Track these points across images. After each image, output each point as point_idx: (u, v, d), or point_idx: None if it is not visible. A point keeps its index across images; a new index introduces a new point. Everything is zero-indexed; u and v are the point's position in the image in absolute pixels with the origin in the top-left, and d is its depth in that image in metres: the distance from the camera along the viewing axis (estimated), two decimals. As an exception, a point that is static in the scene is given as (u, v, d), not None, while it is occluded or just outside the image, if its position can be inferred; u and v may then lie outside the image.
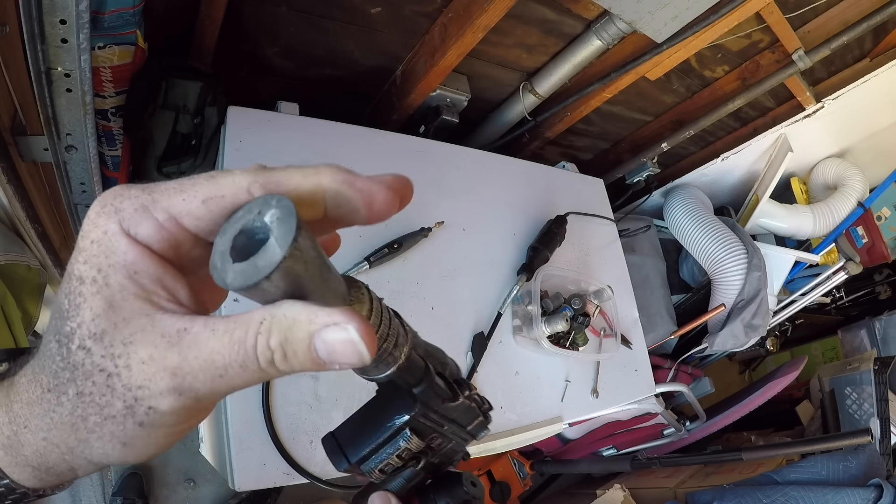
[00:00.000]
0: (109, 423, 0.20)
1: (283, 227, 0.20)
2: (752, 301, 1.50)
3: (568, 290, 1.13)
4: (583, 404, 1.11)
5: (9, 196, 0.79)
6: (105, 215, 0.21)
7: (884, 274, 2.35)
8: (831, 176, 1.82)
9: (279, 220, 0.20)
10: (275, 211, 0.20)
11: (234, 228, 0.21)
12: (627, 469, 1.72)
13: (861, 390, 1.75)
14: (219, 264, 0.20)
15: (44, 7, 0.55)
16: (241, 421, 0.78)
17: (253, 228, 0.21)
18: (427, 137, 1.19)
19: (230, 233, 0.21)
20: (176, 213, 0.21)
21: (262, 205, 0.21)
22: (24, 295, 0.96)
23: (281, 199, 0.21)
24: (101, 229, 0.20)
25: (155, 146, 1.05)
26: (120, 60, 0.86)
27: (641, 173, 1.69)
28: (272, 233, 0.20)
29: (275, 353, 0.20)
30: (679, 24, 1.08)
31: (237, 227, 0.21)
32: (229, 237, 0.21)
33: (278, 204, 0.20)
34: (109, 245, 0.20)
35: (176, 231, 0.21)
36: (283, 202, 0.20)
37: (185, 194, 0.21)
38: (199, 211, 0.21)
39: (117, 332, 0.20)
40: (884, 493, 1.14)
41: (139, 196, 0.21)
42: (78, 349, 0.20)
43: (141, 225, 0.21)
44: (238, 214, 0.21)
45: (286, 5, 1.02)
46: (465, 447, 0.35)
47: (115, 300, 0.20)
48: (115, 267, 0.20)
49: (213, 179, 0.21)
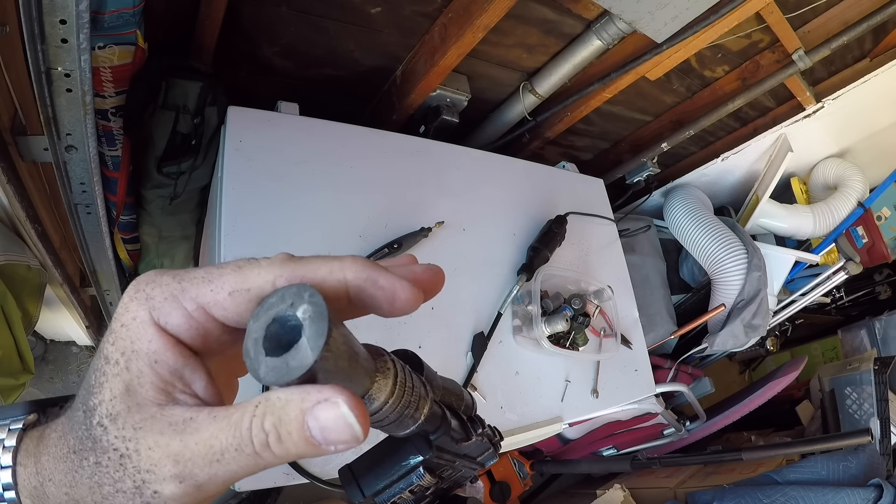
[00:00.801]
0: (121, 496, 0.21)
1: (314, 328, 0.20)
2: (752, 301, 1.50)
3: (568, 290, 1.13)
4: (583, 404, 1.11)
5: (9, 196, 0.79)
6: (137, 301, 0.22)
7: (884, 274, 2.35)
8: (831, 176, 1.82)
9: (311, 319, 0.21)
10: (307, 307, 0.21)
11: (268, 316, 0.21)
12: (627, 469, 1.72)
13: (861, 390, 1.75)
14: (252, 353, 0.21)
15: (44, 7, 0.55)
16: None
17: (286, 318, 0.21)
18: (427, 137, 1.19)
19: (263, 319, 0.21)
20: (204, 303, 0.22)
21: (294, 296, 0.21)
22: (24, 295, 0.96)
23: (313, 293, 0.21)
24: (132, 314, 0.22)
25: (155, 146, 1.05)
26: (120, 60, 0.86)
27: (641, 173, 1.69)
28: (304, 332, 0.20)
29: (269, 435, 0.20)
30: (679, 24, 1.08)
31: (270, 314, 0.21)
32: (262, 324, 0.21)
33: (310, 300, 0.21)
34: (136, 332, 0.22)
35: (204, 320, 0.22)
36: (315, 299, 0.21)
37: (213, 285, 0.22)
38: (225, 302, 0.22)
39: (130, 417, 0.21)
40: (884, 493, 1.14)
41: (169, 284, 0.22)
42: (97, 425, 0.21)
43: (171, 315, 0.22)
44: (271, 300, 0.22)
45: (286, 5, 1.02)
46: (474, 474, 0.37)
47: (132, 385, 0.21)
48: (138, 353, 0.21)
49: (241, 271, 0.22)
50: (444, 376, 0.33)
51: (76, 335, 1.50)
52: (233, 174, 0.89)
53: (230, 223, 0.86)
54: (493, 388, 1.00)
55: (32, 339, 1.45)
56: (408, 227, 0.99)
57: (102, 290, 1.29)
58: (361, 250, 0.94)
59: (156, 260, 1.37)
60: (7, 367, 0.92)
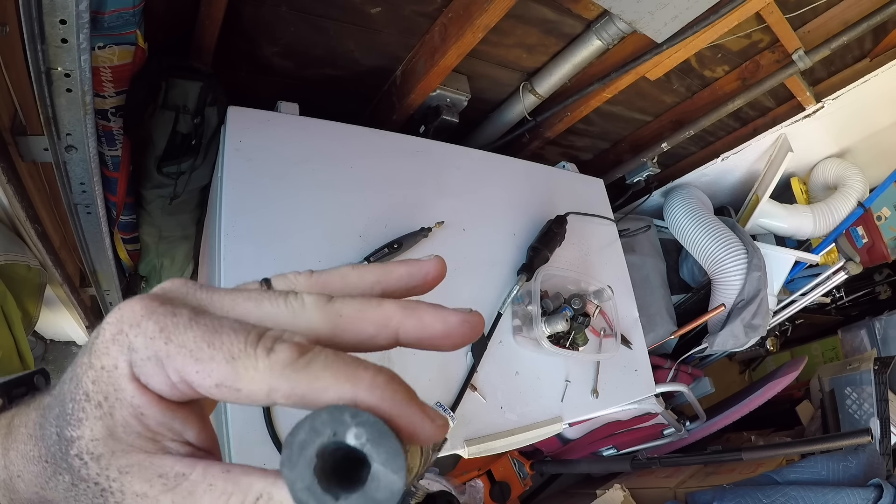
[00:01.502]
0: None
1: (384, 450, 0.18)
2: (752, 301, 1.50)
3: (568, 290, 1.13)
4: (583, 404, 1.11)
5: (9, 196, 0.79)
6: (118, 346, 0.20)
7: (884, 274, 2.35)
8: (831, 176, 1.82)
9: (373, 442, 0.18)
10: (359, 431, 0.19)
11: (307, 458, 0.19)
12: (627, 469, 1.72)
13: (861, 390, 1.75)
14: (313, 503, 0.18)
15: (44, 7, 0.55)
16: (241, 421, 0.78)
17: (335, 449, 0.19)
18: (427, 137, 1.19)
19: (303, 464, 0.19)
20: (189, 380, 0.19)
21: (332, 423, 0.19)
22: (24, 295, 0.96)
23: (356, 414, 0.19)
24: (112, 361, 0.20)
25: (155, 146, 1.05)
26: (120, 60, 0.86)
27: (641, 173, 1.69)
28: (374, 458, 0.18)
29: None
30: (679, 24, 1.08)
31: (310, 454, 0.19)
32: (306, 469, 0.19)
33: (358, 422, 0.19)
34: (118, 382, 0.20)
35: (188, 392, 0.20)
36: (362, 418, 0.19)
37: (200, 367, 0.19)
38: (212, 390, 0.19)
39: (114, 460, 0.19)
40: (884, 493, 1.14)
41: (155, 340, 0.19)
42: (75, 456, 0.20)
43: (152, 377, 0.19)
44: (301, 438, 0.19)
45: (286, 5, 1.02)
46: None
47: (116, 432, 0.20)
48: (121, 402, 0.20)
49: (234, 364, 0.19)
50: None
51: (76, 335, 1.50)
52: (233, 174, 0.89)
53: (230, 223, 0.86)
54: (493, 388, 1.00)
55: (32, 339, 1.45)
56: (408, 227, 0.99)
57: (102, 290, 1.29)
58: (361, 250, 0.94)
59: (156, 260, 1.37)
60: (7, 367, 0.92)
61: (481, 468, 1.88)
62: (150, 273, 1.43)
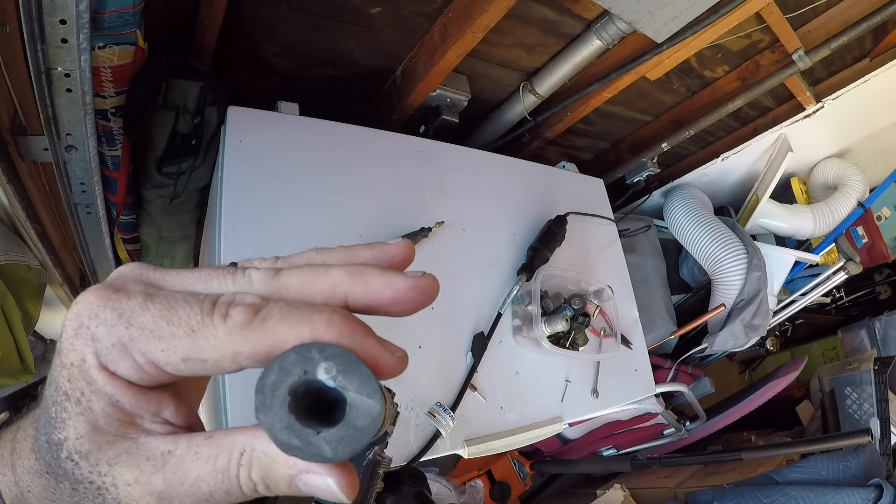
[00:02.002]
0: None
1: (355, 377, 0.19)
2: (752, 301, 1.50)
3: (568, 290, 1.13)
4: (583, 404, 1.11)
5: (9, 196, 0.79)
6: (81, 339, 0.20)
7: (884, 274, 2.35)
8: (831, 176, 1.82)
9: (343, 372, 0.19)
10: (328, 365, 0.19)
11: (280, 398, 0.19)
12: (627, 469, 1.72)
13: (861, 390, 1.75)
14: (298, 443, 0.19)
15: (44, 7, 0.55)
16: (241, 421, 0.78)
17: (308, 388, 0.19)
18: (427, 137, 1.19)
19: (277, 405, 0.19)
20: (155, 360, 0.19)
21: (300, 361, 0.19)
22: (24, 295, 0.96)
23: (323, 348, 0.19)
24: (79, 355, 0.20)
25: (155, 146, 1.05)
26: (120, 60, 0.86)
27: (641, 173, 1.70)
28: (348, 388, 0.19)
29: (257, 484, 0.20)
30: (679, 24, 1.08)
31: (282, 394, 0.19)
32: (282, 408, 0.19)
33: (326, 356, 0.19)
34: (88, 374, 0.20)
35: (156, 373, 0.20)
36: (329, 352, 0.19)
37: (164, 344, 0.19)
38: (179, 366, 0.20)
39: (102, 454, 0.20)
40: (884, 493, 1.14)
41: (115, 327, 0.19)
42: (66, 459, 0.20)
43: (119, 364, 0.19)
44: (271, 380, 0.19)
45: (286, 5, 1.02)
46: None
47: (98, 424, 0.20)
48: (97, 394, 0.20)
49: (194, 337, 0.19)
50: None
51: (76, 335, 1.50)
52: (233, 174, 0.89)
53: (230, 223, 0.86)
54: (493, 388, 1.00)
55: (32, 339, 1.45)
56: (408, 227, 0.99)
57: (102, 290, 1.29)
58: (361, 250, 0.94)
59: (156, 260, 1.37)
60: (7, 367, 0.92)
61: (481, 468, 1.88)
62: (150, 273, 1.43)
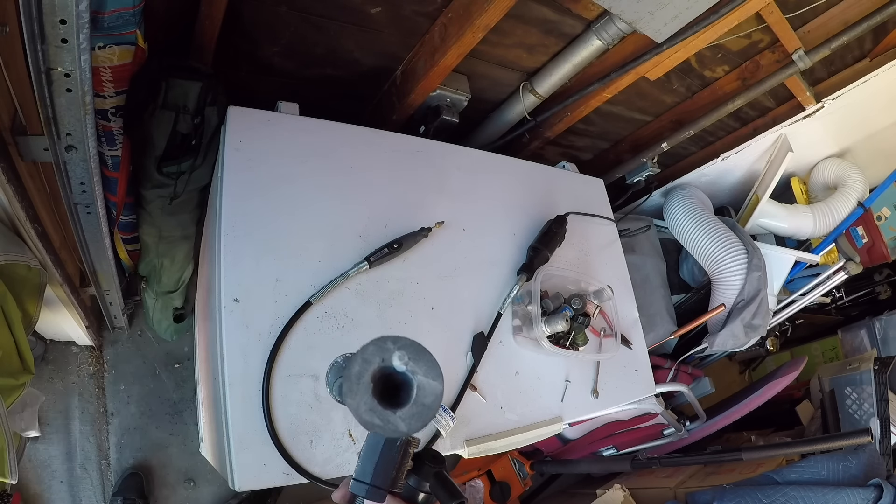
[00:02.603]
0: None
1: (423, 364, 0.24)
2: (752, 301, 1.50)
3: (568, 290, 1.13)
4: (583, 404, 1.11)
5: (9, 196, 0.79)
6: None
7: (884, 274, 2.35)
8: (831, 176, 1.82)
9: (414, 359, 0.23)
10: (401, 353, 0.23)
11: (364, 384, 0.23)
12: (627, 469, 1.72)
13: (861, 390, 1.75)
14: (379, 422, 0.23)
15: (44, 7, 0.55)
16: (242, 421, 0.78)
17: (388, 373, 0.24)
18: (427, 137, 1.19)
19: (362, 390, 0.23)
20: None
21: (378, 352, 0.23)
22: (24, 295, 0.96)
23: (396, 339, 0.24)
24: None
25: (155, 146, 1.05)
26: (120, 60, 0.86)
27: (641, 173, 1.69)
28: (416, 372, 0.23)
29: None
30: (679, 24, 1.08)
31: (366, 381, 0.23)
32: (366, 393, 0.23)
33: (399, 346, 0.24)
34: None
35: None
36: (403, 342, 0.24)
37: None
38: None
39: None
40: (884, 493, 1.14)
41: None
42: None
43: None
44: (356, 370, 0.23)
45: (286, 5, 1.02)
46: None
47: None
48: None
49: None
50: None
51: (76, 335, 1.50)
52: (233, 174, 0.89)
53: (230, 223, 0.86)
54: (493, 388, 1.00)
55: (32, 339, 1.45)
56: (408, 227, 0.99)
57: (102, 290, 1.29)
58: (361, 250, 0.94)
59: (156, 260, 1.37)
60: (7, 367, 0.92)
61: (481, 468, 1.88)
62: (150, 273, 1.43)
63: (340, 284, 0.90)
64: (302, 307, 0.86)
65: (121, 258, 1.41)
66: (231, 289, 0.82)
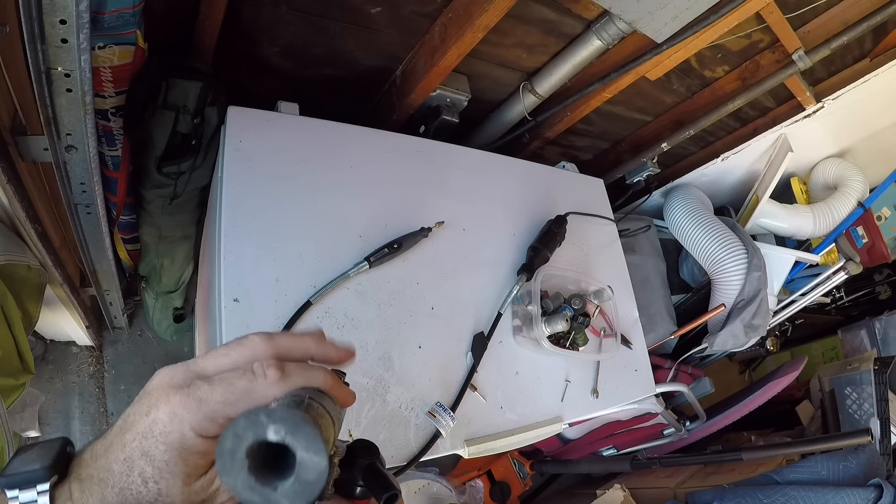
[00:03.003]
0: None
1: (302, 437, 0.22)
2: (752, 301, 1.50)
3: (568, 290, 1.13)
4: (583, 404, 1.11)
5: (9, 196, 0.79)
6: (177, 423, 0.30)
7: (884, 274, 2.35)
8: (831, 176, 1.82)
9: (291, 433, 0.22)
10: (276, 427, 0.22)
11: (239, 461, 0.23)
12: (627, 469, 1.72)
13: (861, 390, 1.75)
14: (259, 500, 0.22)
15: (44, 7, 0.55)
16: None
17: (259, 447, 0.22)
18: (427, 137, 1.19)
19: (237, 468, 0.23)
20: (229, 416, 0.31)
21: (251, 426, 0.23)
22: (24, 295, 0.96)
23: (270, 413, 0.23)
24: (178, 434, 0.30)
25: (155, 146, 1.05)
26: (120, 60, 0.86)
27: (641, 173, 1.69)
28: (296, 447, 0.22)
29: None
30: (679, 24, 1.08)
31: (240, 458, 0.23)
32: (242, 471, 0.23)
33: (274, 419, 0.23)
34: (187, 443, 0.30)
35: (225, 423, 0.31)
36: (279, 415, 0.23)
37: (233, 408, 0.31)
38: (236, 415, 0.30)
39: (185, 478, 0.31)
40: (884, 493, 1.14)
41: (200, 409, 0.31)
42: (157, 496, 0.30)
43: (209, 429, 0.31)
44: (228, 446, 0.23)
45: (286, 5, 1.02)
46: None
47: (189, 469, 0.31)
48: (191, 451, 0.31)
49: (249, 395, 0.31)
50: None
51: (76, 335, 1.50)
52: (233, 174, 0.89)
53: (230, 223, 0.86)
54: (493, 388, 1.00)
55: (32, 339, 1.45)
56: (408, 227, 0.99)
57: (102, 290, 1.29)
58: (361, 250, 0.94)
59: (156, 260, 1.37)
60: (7, 367, 0.92)
61: (481, 468, 1.88)
62: (150, 273, 1.43)
63: (340, 284, 0.90)
64: (302, 307, 0.86)
65: (121, 258, 1.41)
66: (231, 289, 0.82)
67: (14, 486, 0.31)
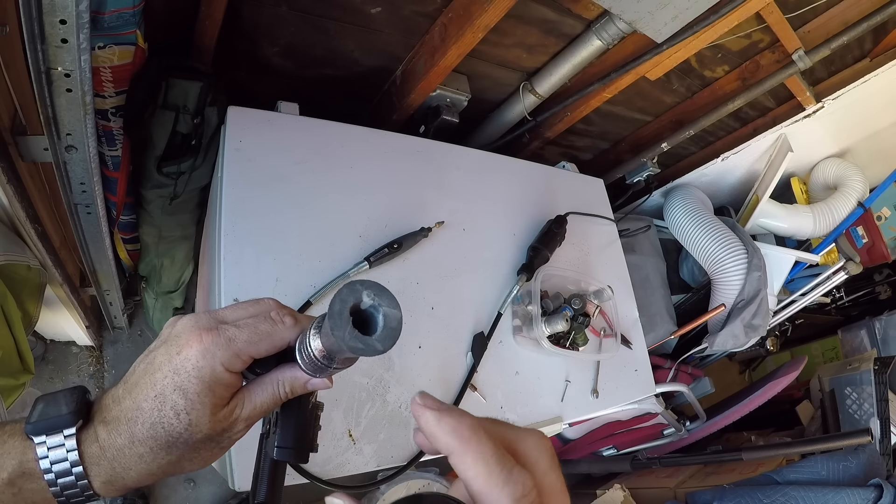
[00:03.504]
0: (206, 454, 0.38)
1: (386, 298, 0.33)
2: (752, 301, 1.50)
3: (568, 290, 1.13)
4: (583, 404, 1.11)
5: (9, 196, 0.79)
6: (209, 359, 0.35)
7: (884, 274, 2.35)
8: (831, 176, 1.82)
9: (378, 295, 0.32)
10: (368, 292, 0.32)
11: (345, 318, 0.31)
12: (627, 469, 1.72)
13: (861, 390, 1.75)
14: (362, 345, 0.31)
15: (44, 7, 0.55)
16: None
17: (360, 309, 0.32)
18: (427, 137, 1.19)
19: (344, 323, 0.31)
20: (253, 356, 0.37)
21: (352, 293, 0.32)
22: (24, 295, 0.96)
23: (363, 282, 0.33)
24: (210, 369, 0.35)
25: (155, 146, 1.05)
26: (120, 60, 0.86)
27: (641, 173, 1.69)
28: (382, 304, 0.32)
29: (288, 393, 0.40)
30: (679, 24, 1.08)
31: (346, 316, 0.31)
32: (348, 325, 0.31)
33: (366, 286, 0.32)
34: (217, 377, 0.35)
35: (249, 361, 0.38)
36: (368, 284, 0.32)
37: (257, 347, 0.37)
38: (263, 354, 0.38)
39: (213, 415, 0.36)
40: (884, 493, 1.14)
41: (229, 347, 0.36)
42: (187, 426, 0.35)
43: (236, 365, 0.36)
44: (336, 308, 0.31)
45: (286, 5, 1.02)
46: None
47: (216, 399, 0.36)
48: (219, 384, 0.36)
49: (271, 337, 0.37)
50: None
51: (76, 335, 1.50)
52: (233, 174, 0.89)
53: (230, 223, 0.86)
54: (493, 388, 1.00)
55: (32, 339, 1.45)
56: (408, 227, 0.99)
57: (102, 290, 1.29)
58: (361, 250, 0.94)
59: (156, 260, 1.37)
60: (7, 367, 0.92)
61: (481, 468, 1.87)
62: (150, 273, 1.43)
63: (340, 284, 0.90)
64: (302, 307, 0.86)
65: (121, 258, 1.41)
66: (231, 289, 0.82)
67: (41, 432, 0.33)
